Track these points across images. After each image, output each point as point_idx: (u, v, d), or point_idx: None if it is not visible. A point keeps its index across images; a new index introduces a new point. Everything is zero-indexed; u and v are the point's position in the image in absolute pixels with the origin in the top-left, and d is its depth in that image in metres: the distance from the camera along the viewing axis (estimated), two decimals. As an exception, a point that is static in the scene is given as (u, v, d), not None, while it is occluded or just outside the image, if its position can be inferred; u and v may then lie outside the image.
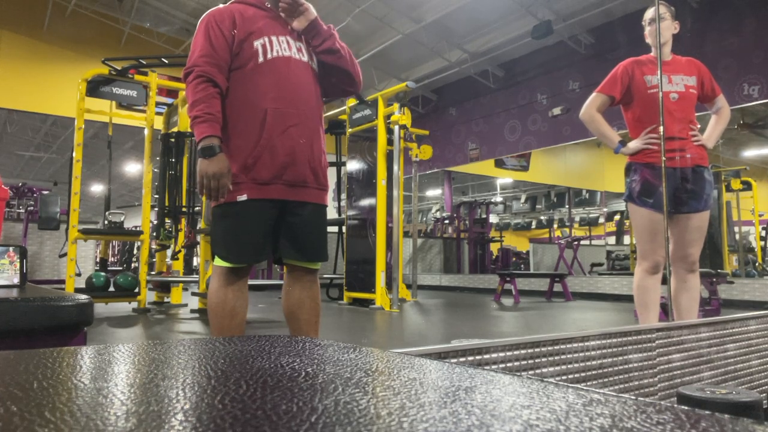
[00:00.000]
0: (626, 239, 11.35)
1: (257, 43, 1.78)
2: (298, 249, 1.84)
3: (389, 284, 5.70)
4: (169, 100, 5.95)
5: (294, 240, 1.83)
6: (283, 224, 1.82)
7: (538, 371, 1.14)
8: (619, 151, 2.62)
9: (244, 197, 1.72)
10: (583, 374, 1.23)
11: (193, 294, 6.00)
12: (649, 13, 2.64)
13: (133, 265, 11.20)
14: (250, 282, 2.08)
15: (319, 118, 1.91)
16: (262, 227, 1.78)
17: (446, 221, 11.89)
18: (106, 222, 5.20)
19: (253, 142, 1.74)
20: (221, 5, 1.86)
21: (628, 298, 5.47)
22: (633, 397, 0.38)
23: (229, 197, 1.73)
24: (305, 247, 1.85)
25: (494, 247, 12.27)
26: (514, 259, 12.39)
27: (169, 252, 6.13)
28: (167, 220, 5.70)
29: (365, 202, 6.04)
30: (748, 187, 7.90)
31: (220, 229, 1.80)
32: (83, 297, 1.29)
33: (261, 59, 1.78)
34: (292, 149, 1.77)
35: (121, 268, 10.42)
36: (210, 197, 1.69)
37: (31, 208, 7.83)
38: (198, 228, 5.33)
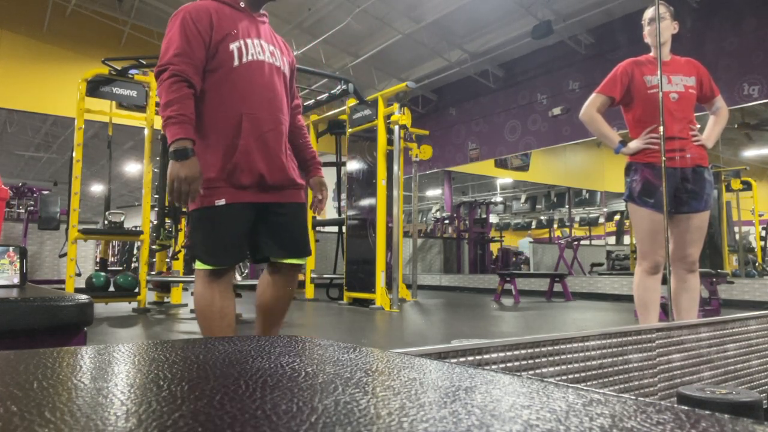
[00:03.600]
0: (626, 239, 11.35)
1: (233, 46, 1.76)
2: (284, 246, 1.85)
3: (389, 284, 5.70)
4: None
5: (278, 238, 1.84)
6: (264, 224, 1.83)
7: (538, 371, 1.14)
8: (620, 151, 2.62)
9: (222, 202, 1.72)
10: (583, 374, 1.23)
11: (193, 294, 5.99)
12: (649, 13, 2.64)
13: (133, 265, 11.20)
14: (249, 282, 2.10)
15: (287, 122, 1.92)
16: (240, 230, 1.78)
17: (446, 221, 11.89)
18: (106, 222, 5.20)
19: (231, 146, 1.73)
20: (196, 2, 1.80)
21: (628, 298, 5.47)
22: (633, 397, 0.38)
23: (207, 201, 1.72)
24: (290, 243, 1.86)
25: (494, 247, 12.27)
26: (513, 259, 12.39)
27: (169, 252, 6.13)
28: (167, 220, 5.70)
29: (365, 202, 6.04)
30: (748, 187, 7.90)
31: (199, 233, 1.80)
32: (83, 297, 1.29)
33: (236, 63, 1.76)
34: (269, 154, 1.78)
35: (121, 268, 10.42)
36: (179, 201, 1.65)
37: (31, 208, 7.83)
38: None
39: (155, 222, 6.26)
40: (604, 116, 2.68)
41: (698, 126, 2.63)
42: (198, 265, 1.80)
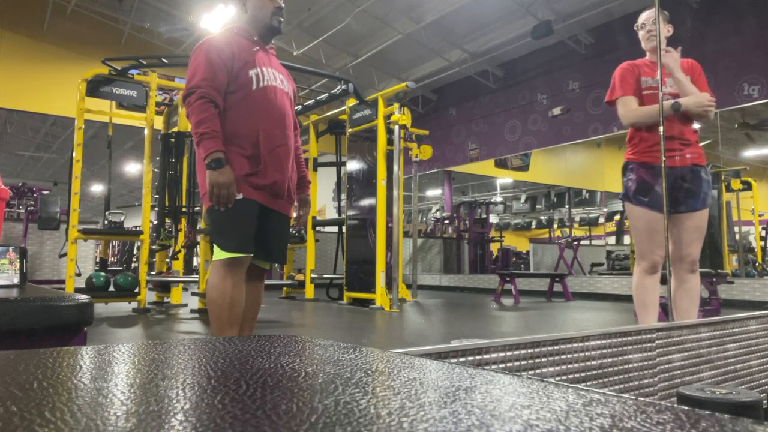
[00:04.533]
0: (626, 239, 11.34)
1: (252, 73, 2.02)
2: (267, 251, 2.10)
3: (389, 284, 5.70)
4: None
5: (264, 242, 2.07)
6: (257, 227, 2.03)
7: (538, 371, 1.14)
8: (675, 108, 2.46)
9: (240, 195, 1.96)
10: (583, 374, 1.23)
11: (193, 294, 6.00)
12: (642, 18, 2.65)
13: (133, 265, 11.19)
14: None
15: (293, 139, 2.18)
16: (253, 223, 2.01)
17: (446, 221, 11.89)
18: (106, 222, 5.20)
19: (249, 155, 1.97)
20: (218, 34, 2.08)
21: (628, 298, 5.46)
22: (633, 397, 0.38)
23: None
24: (273, 249, 2.12)
25: (494, 247, 12.27)
26: (514, 259, 12.39)
27: (169, 252, 6.13)
28: (167, 220, 5.70)
29: (365, 202, 6.04)
30: (748, 187, 7.90)
31: (220, 222, 1.99)
32: (83, 297, 1.29)
33: (254, 87, 2.02)
34: (279, 166, 2.04)
35: (121, 268, 10.42)
36: (219, 204, 1.92)
37: (31, 208, 7.83)
38: (198, 228, 5.33)
39: (155, 222, 6.26)
40: (609, 115, 2.67)
41: (697, 127, 2.63)
42: (216, 255, 1.97)
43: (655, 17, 2.58)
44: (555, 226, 15.69)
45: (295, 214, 2.30)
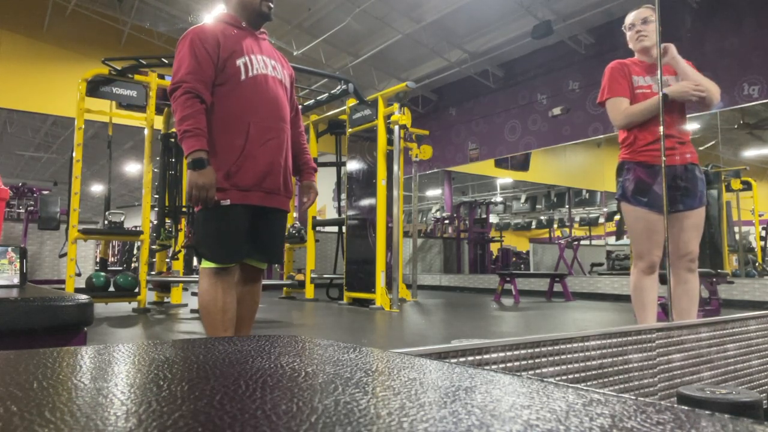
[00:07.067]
0: (626, 239, 11.33)
1: (240, 62, 1.92)
2: (262, 251, 2.02)
3: (389, 284, 5.70)
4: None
5: (259, 242, 1.99)
6: (252, 228, 1.96)
7: (538, 371, 1.14)
8: (667, 93, 2.43)
9: (227, 202, 1.86)
10: (583, 374, 1.23)
11: (193, 294, 6.00)
12: (630, 18, 2.64)
13: (133, 265, 11.19)
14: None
15: (289, 130, 2.08)
16: (242, 229, 1.92)
17: (446, 221, 11.89)
18: (106, 222, 5.20)
19: (237, 152, 1.87)
20: (203, 24, 1.98)
21: (628, 298, 5.45)
22: (633, 397, 0.38)
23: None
24: (268, 250, 2.04)
25: (494, 247, 12.27)
26: (514, 259, 12.38)
27: (169, 252, 6.13)
28: (167, 220, 5.70)
29: (365, 202, 6.04)
30: (748, 187, 7.89)
31: (205, 232, 1.92)
32: (83, 297, 1.29)
33: (243, 77, 1.92)
34: (270, 160, 1.94)
35: (121, 268, 10.42)
36: (197, 206, 1.86)
37: (31, 208, 7.82)
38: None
39: (155, 222, 6.26)
40: (602, 118, 2.67)
41: (689, 129, 2.61)
42: (204, 264, 1.91)
43: (644, 17, 2.58)
44: (555, 226, 15.67)
45: (297, 203, 2.24)
